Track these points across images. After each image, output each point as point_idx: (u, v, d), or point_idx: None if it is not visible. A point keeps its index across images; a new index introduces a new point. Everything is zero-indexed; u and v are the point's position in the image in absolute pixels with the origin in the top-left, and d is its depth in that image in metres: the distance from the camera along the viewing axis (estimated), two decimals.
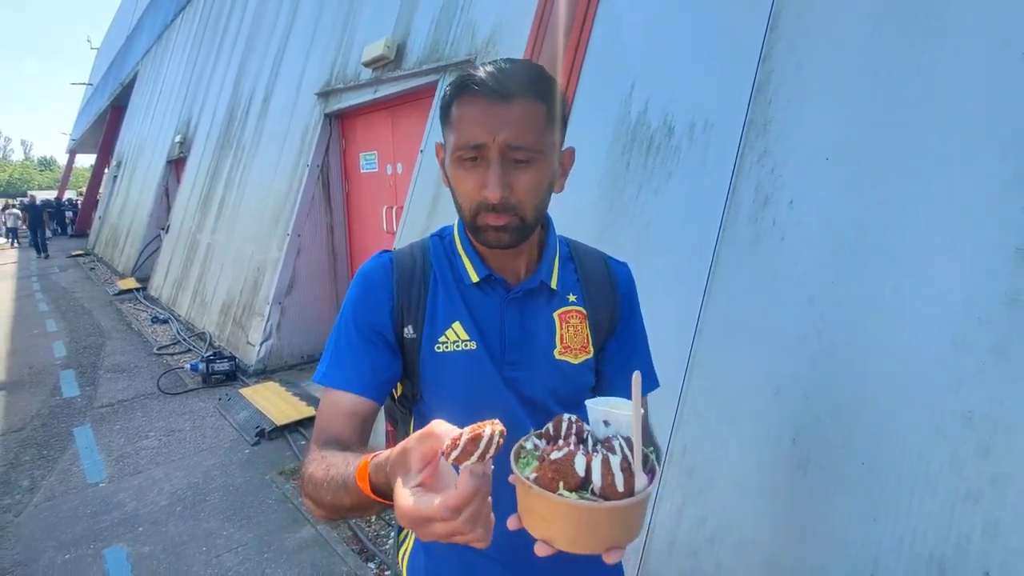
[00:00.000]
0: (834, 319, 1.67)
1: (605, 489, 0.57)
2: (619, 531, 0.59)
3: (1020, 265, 1.40)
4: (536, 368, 0.90)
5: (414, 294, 0.90)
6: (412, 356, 0.89)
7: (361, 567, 2.55)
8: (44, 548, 2.74)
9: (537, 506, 0.59)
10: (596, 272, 0.99)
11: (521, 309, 0.91)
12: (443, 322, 0.89)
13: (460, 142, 0.79)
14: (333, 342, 0.89)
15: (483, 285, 0.90)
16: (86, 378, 5.22)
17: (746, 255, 1.90)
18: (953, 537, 1.40)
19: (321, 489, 0.70)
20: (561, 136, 0.85)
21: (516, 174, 0.79)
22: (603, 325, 0.96)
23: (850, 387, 1.61)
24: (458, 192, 0.83)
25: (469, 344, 0.88)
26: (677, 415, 1.93)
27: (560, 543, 0.58)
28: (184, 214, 8.27)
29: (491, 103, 0.77)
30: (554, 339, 0.92)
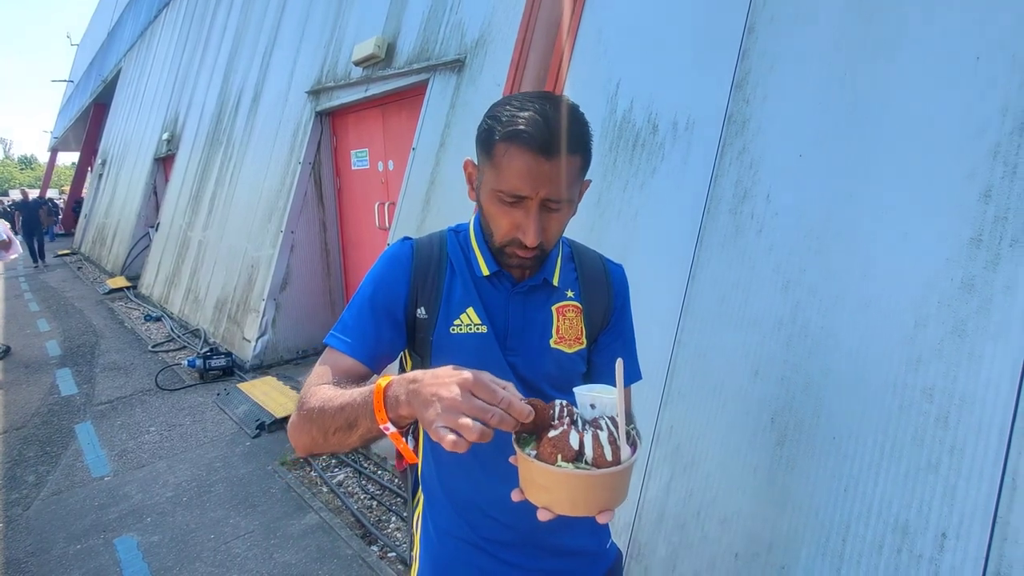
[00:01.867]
0: (807, 304, 1.80)
1: (596, 459, 0.67)
2: (610, 495, 0.69)
3: (974, 253, 1.53)
4: (533, 354, 1.01)
5: (430, 279, 1.00)
6: (423, 335, 1.00)
7: (365, 550, 2.66)
8: (55, 540, 2.83)
9: (538, 478, 0.68)
10: (593, 271, 1.10)
11: (524, 302, 1.01)
12: (458, 307, 0.99)
13: (503, 187, 0.86)
14: (347, 310, 1.00)
15: (492, 279, 1.01)
16: (83, 376, 5.27)
17: (727, 245, 2.02)
18: (915, 503, 1.53)
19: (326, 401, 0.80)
20: (586, 172, 0.94)
21: (549, 219, 0.90)
22: (597, 319, 1.07)
23: (821, 367, 1.74)
24: (492, 223, 0.93)
25: (481, 328, 0.99)
26: (664, 396, 2.06)
27: (559, 508, 0.68)
28: (174, 212, 8.28)
29: (537, 159, 0.83)
30: (551, 330, 1.02)
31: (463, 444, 0.64)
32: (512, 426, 0.65)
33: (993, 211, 1.52)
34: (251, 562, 2.60)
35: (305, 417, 0.83)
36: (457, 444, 0.63)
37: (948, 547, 1.47)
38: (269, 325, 5.15)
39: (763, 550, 1.78)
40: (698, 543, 1.92)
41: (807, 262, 1.83)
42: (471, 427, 0.62)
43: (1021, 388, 1.41)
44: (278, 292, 5.16)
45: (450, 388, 0.65)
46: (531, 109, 0.84)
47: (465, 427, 0.63)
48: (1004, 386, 1.44)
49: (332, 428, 0.78)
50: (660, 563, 1.98)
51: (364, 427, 0.74)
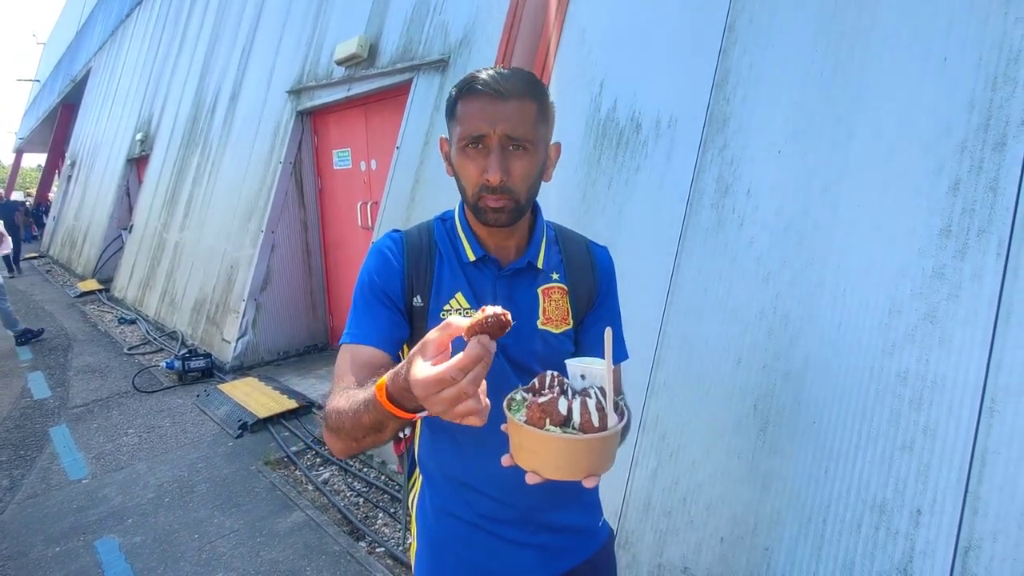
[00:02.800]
0: (787, 295, 1.86)
1: (584, 425, 0.69)
2: (596, 460, 0.70)
3: (944, 243, 1.61)
4: (521, 335, 1.03)
5: (422, 267, 1.03)
6: (420, 324, 1.02)
7: (353, 546, 2.66)
8: (33, 543, 2.77)
9: (527, 442, 0.70)
10: (578, 254, 1.12)
11: (510, 285, 1.04)
12: (447, 292, 1.02)
13: (464, 133, 0.92)
14: (353, 309, 1.02)
15: (479, 263, 1.03)
16: (56, 379, 5.16)
17: (709, 239, 2.08)
18: (892, 482, 1.60)
19: (344, 416, 0.80)
20: (549, 132, 1.00)
21: (512, 161, 0.93)
22: (583, 300, 1.10)
23: (801, 355, 1.80)
24: (462, 176, 0.96)
25: (470, 312, 1.01)
26: (649, 386, 2.11)
27: (547, 471, 0.70)
28: (148, 213, 8.14)
29: (492, 100, 0.90)
30: (537, 311, 1.05)
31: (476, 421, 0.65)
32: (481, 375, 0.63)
33: (961, 203, 1.60)
34: (237, 560, 2.58)
35: (330, 427, 0.85)
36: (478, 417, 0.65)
37: (923, 523, 1.54)
38: (249, 326, 5.10)
39: (747, 533, 1.83)
40: (684, 529, 1.97)
41: (787, 254, 1.89)
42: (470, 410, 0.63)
43: (989, 369, 1.49)
44: (258, 293, 5.12)
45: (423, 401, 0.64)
46: (487, 70, 0.94)
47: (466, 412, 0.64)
48: (973, 368, 1.51)
49: (360, 434, 0.80)
50: (647, 550, 2.02)
51: (392, 425, 0.76)
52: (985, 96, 1.60)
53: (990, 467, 1.47)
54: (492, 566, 1.06)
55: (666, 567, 1.98)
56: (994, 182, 1.55)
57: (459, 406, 0.63)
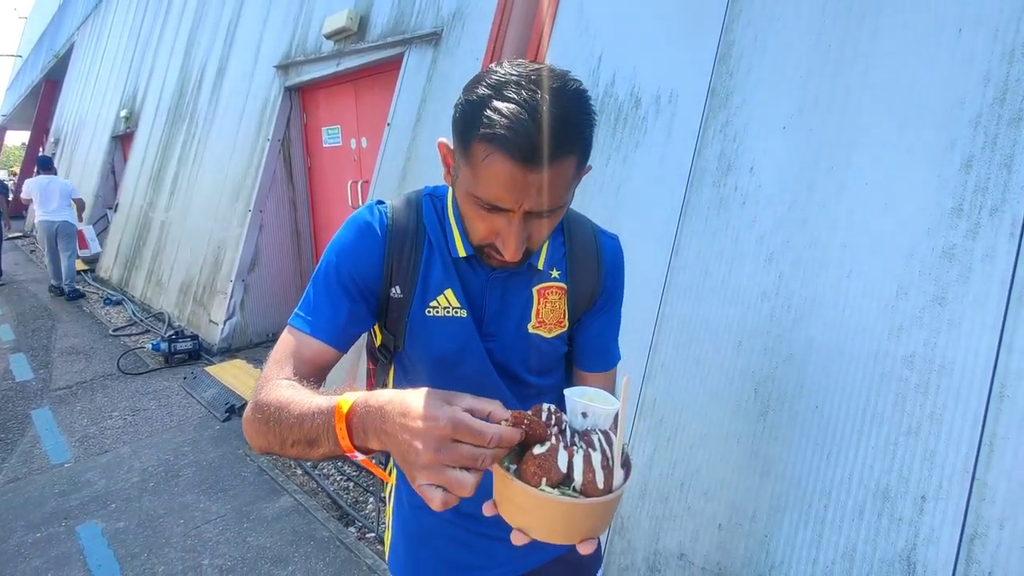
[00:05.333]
0: (790, 276, 1.81)
1: (586, 486, 0.60)
2: (595, 524, 0.62)
3: (954, 223, 1.55)
4: (509, 340, 0.94)
5: (405, 256, 0.90)
6: (397, 315, 0.91)
7: (342, 531, 2.62)
8: (13, 528, 2.70)
9: (517, 497, 0.61)
10: (584, 247, 0.99)
11: (503, 285, 0.92)
12: (436, 288, 0.90)
13: (480, 195, 0.73)
14: (312, 285, 0.89)
15: (470, 259, 0.91)
16: (39, 361, 5.05)
17: (711, 218, 2.01)
18: (896, 468, 1.56)
19: (284, 413, 0.70)
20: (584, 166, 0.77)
21: (535, 226, 0.77)
22: (583, 299, 0.98)
23: (804, 338, 1.75)
24: (468, 223, 0.81)
25: (460, 312, 0.90)
26: (647, 369, 2.05)
27: (537, 533, 0.61)
28: (134, 192, 7.97)
29: (522, 170, 0.68)
30: (530, 313, 0.94)
31: (454, 500, 0.58)
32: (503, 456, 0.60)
33: (974, 181, 1.54)
34: (223, 546, 2.53)
35: (260, 418, 0.74)
36: (447, 502, 0.57)
37: (928, 510, 1.50)
38: (237, 307, 5.00)
39: (746, 520, 1.79)
40: (681, 515, 1.93)
41: (790, 234, 1.83)
42: (462, 482, 0.56)
43: (999, 353, 1.44)
44: (246, 273, 5.02)
45: (426, 440, 0.56)
46: (516, 101, 0.67)
47: (454, 483, 0.56)
48: (983, 351, 1.46)
49: (290, 440, 0.70)
50: (643, 536, 1.98)
51: (327, 448, 0.66)
52: (1001, 69, 1.54)
53: (999, 453, 1.42)
54: (468, 559, 1.01)
55: (662, 554, 1.94)
56: (1009, 159, 1.49)
57: (460, 472, 0.56)
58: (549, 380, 1.01)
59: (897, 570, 1.52)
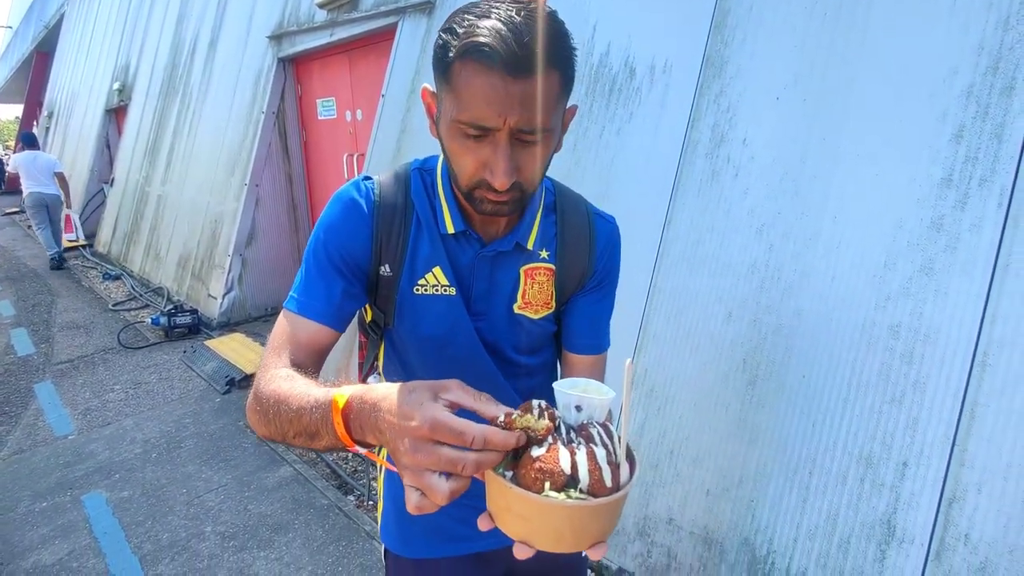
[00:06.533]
0: (781, 247, 1.82)
1: (593, 486, 0.55)
2: (605, 526, 0.57)
3: (944, 193, 1.56)
4: (496, 319, 0.94)
5: (394, 233, 0.88)
6: (387, 292, 0.91)
7: (341, 499, 2.68)
8: (19, 498, 2.76)
9: (517, 506, 0.55)
10: (577, 228, 0.96)
11: (491, 264, 0.91)
12: (424, 266, 0.89)
13: (464, 118, 0.70)
14: (304, 269, 0.88)
15: (459, 236, 0.89)
16: (40, 336, 5.09)
17: (703, 190, 2.02)
18: (879, 435, 1.59)
19: (283, 407, 0.70)
20: (569, 96, 0.78)
21: (524, 154, 0.74)
22: (571, 282, 0.96)
23: (793, 308, 1.77)
24: (455, 162, 0.77)
25: (448, 290, 0.89)
26: (639, 340, 2.08)
27: (542, 543, 0.56)
28: (129, 166, 7.92)
29: (503, 79, 0.67)
30: (516, 294, 0.93)
31: (429, 507, 0.55)
32: (494, 463, 0.55)
33: (964, 151, 1.54)
34: (225, 514, 2.59)
35: (260, 410, 0.74)
36: (421, 507, 0.55)
37: (909, 475, 1.53)
38: (235, 282, 5.02)
39: (733, 485, 1.83)
40: (671, 482, 1.97)
41: (782, 205, 1.84)
42: (434, 488, 0.53)
43: (983, 321, 1.46)
44: (244, 248, 5.02)
45: (404, 440, 0.54)
46: (494, 16, 0.67)
47: (430, 488, 0.54)
48: (968, 320, 1.48)
49: (291, 432, 0.69)
50: (633, 503, 2.03)
51: (328, 441, 0.64)
52: (995, 38, 1.52)
53: (979, 420, 1.45)
54: (459, 530, 1.02)
55: (651, 519, 1.99)
56: (999, 128, 1.49)
57: (435, 479, 0.54)
58: (538, 359, 1.02)
59: (878, 532, 1.56)
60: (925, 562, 1.48)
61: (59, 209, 7.65)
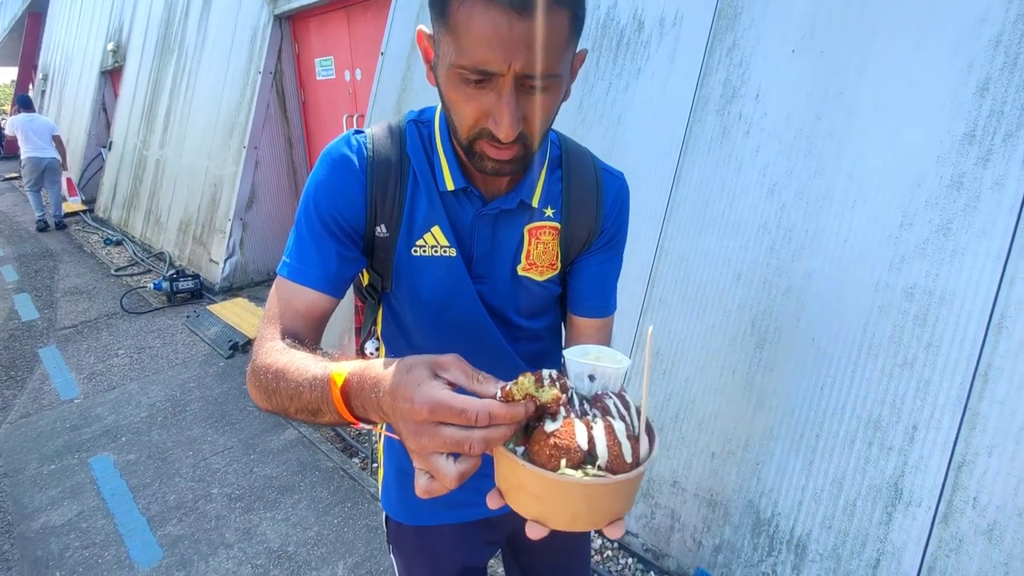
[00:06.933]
0: (793, 207, 1.76)
1: (612, 462, 0.52)
2: (623, 503, 0.55)
3: (965, 150, 1.49)
4: (499, 282, 0.90)
5: (389, 191, 0.83)
6: (383, 255, 0.86)
7: (346, 462, 2.69)
8: (27, 461, 2.79)
9: (530, 484, 0.53)
10: (584, 184, 0.91)
11: (494, 224, 0.86)
12: (422, 226, 0.84)
13: (464, 62, 0.64)
14: (295, 233, 0.83)
15: (459, 193, 0.84)
16: (43, 301, 5.09)
17: (713, 148, 1.95)
18: (889, 399, 1.57)
19: (282, 382, 0.66)
20: (579, 39, 0.71)
21: (530, 102, 0.68)
22: (578, 242, 0.92)
23: (804, 270, 1.72)
24: (454, 111, 0.71)
25: (449, 251, 0.85)
26: (645, 302, 2.04)
27: (557, 522, 0.54)
28: (127, 129, 7.80)
29: (507, 16, 0.60)
30: (520, 255, 0.89)
31: (438, 490, 0.53)
32: (503, 439, 0.52)
33: (989, 105, 1.47)
34: (231, 476, 2.61)
35: (258, 384, 0.70)
36: (430, 491, 0.53)
37: (918, 439, 1.51)
38: (236, 246, 4.98)
39: (738, 448, 1.82)
40: (676, 444, 1.96)
41: (795, 164, 1.78)
42: (442, 472, 0.51)
43: (1001, 283, 1.42)
44: (244, 212, 4.96)
45: (407, 424, 0.52)
46: None
47: (438, 472, 0.52)
48: (985, 282, 1.44)
49: (292, 408, 0.66)
50: None
51: (331, 417, 0.62)
52: None
53: (992, 383, 1.42)
54: (461, 496, 0.98)
55: (656, 481, 1.99)
56: None
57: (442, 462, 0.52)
58: (542, 322, 0.98)
59: (884, 495, 1.55)
60: (932, 524, 1.48)
61: (57, 172, 7.59)
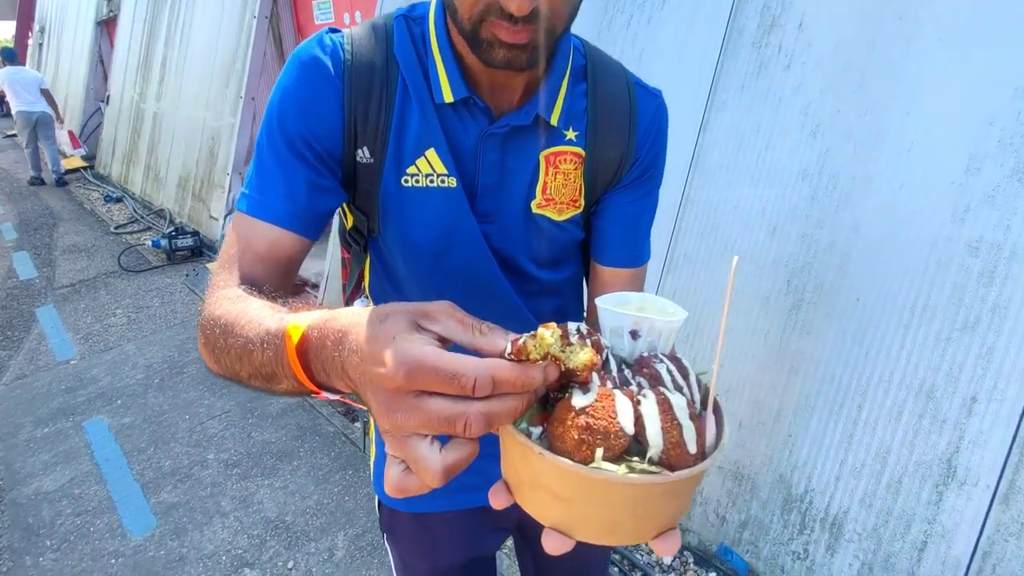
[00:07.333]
0: (838, 150, 1.56)
1: (669, 452, 0.37)
2: (679, 507, 0.40)
3: None
4: (509, 221, 0.73)
5: (373, 105, 0.67)
6: (367, 187, 0.70)
7: (348, 427, 2.58)
8: (21, 424, 2.70)
9: (551, 480, 0.37)
10: (614, 101, 0.74)
11: (503, 147, 0.70)
12: (414, 148, 0.68)
13: None
14: (256, 156, 0.68)
15: (459, 108, 0.68)
16: (42, 259, 4.97)
17: (748, 86, 1.73)
18: (945, 366, 1.40)
19: (230, 338, 0.52)
20: None
21: None
22: (606, 174, 0.75)
23: (850, 222, 1.53)
24: None
25: (448, 180, 0.69)
26: (667, 259, 1.87)
27: (587, 532, 0.39)
28: (123, 82, 7.55)
29: None
30: (535, 188, 0.73)
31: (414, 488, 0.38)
32: (513, 415, 0.37)
33: None
34: (228, 441, 2.51)
35: (207, 341, 0.56)
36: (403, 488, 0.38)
37: (977, 411, 1.35)
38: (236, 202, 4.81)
39: (769, 419, 1.67)
40: None
41: (843, 101, 1.56)
42: (426, 464, 0.36)
43: None
44: (243, 165, 4.77)
45: (376, 394, 0.37)
46: None
47: (416, 462, 0.36)
48: None
49: (245, 373, 0.52)
50: None
51: (289, 385, 0.47)
52: None
53: None
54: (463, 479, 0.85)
55: None
56: None
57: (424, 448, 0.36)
58: (561, 274, 0.82)
59: (935, 472, 1.40)
60: (990, 505, 1.33)
61: (50, 126, 7.39)
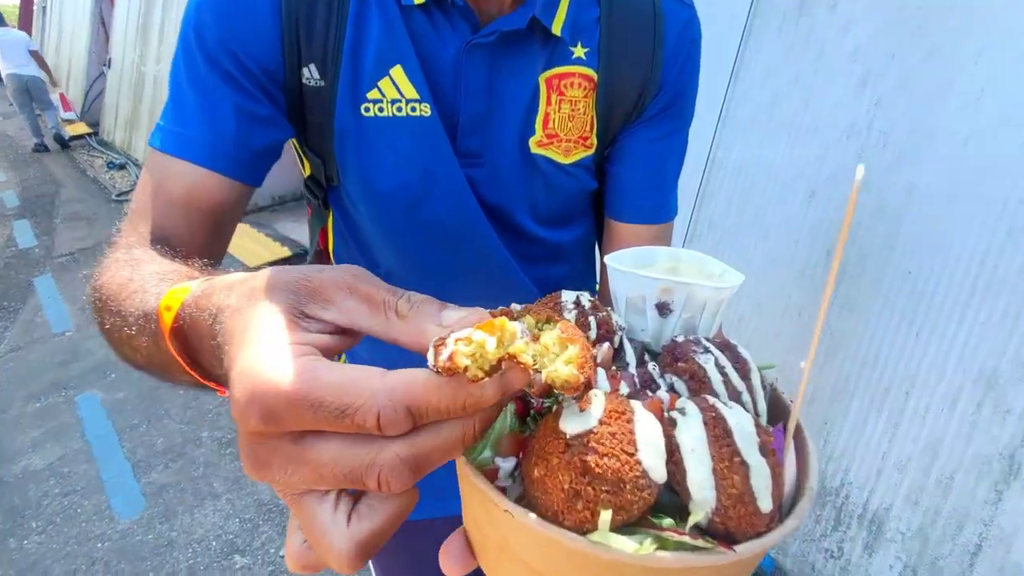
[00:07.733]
0: (891, 102, 1.36)
1: (727, 511, 0.24)
2: None
3: None
4: (501, 164, 0.57)
5: (321, 7, 0.53)
6: (318, 119, 0.56)
7: None
8: (13, 398, 2.61)
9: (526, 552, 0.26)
10: (634, 10, 0.58)
11: (492, 64, 0.55)
12: (375, 67, 0.54)
13: None
14: (172, 80, 0.55)
15: (433, 10, 0.53)
16: (42, 227, 4.88)
17: (786, 29, 1.53)
18: (1011, 351, 1.22)
19: (118, 315, 0.40)
20: None
21: None
22: (624, 104, 0.59)
23: (904, 183, 1.34)
24: None
25: (420, 107, 0.53)
26: (691, 226, 1.69)
27: None
28: (124, 45, 7.36)
29: None
30: (534, 121, 0.57)
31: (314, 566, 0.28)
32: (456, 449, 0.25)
33: None
34: (223, 419, 2.40)
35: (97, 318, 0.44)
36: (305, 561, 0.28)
37: None
38: None
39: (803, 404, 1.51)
40: None
41: (899, 44, 1.35)
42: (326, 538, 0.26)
43: None
44: None
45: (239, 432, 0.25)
46: None
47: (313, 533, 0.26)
48: None
49: (141, 361, 0.41)
50: None
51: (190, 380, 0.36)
52: None
53: None
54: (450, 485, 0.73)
55: None
56: None
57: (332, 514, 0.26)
58: (569, 233, 0.66)
59: (995, 468, 1.24)
60: None
61: (45, 91, 7.27)
